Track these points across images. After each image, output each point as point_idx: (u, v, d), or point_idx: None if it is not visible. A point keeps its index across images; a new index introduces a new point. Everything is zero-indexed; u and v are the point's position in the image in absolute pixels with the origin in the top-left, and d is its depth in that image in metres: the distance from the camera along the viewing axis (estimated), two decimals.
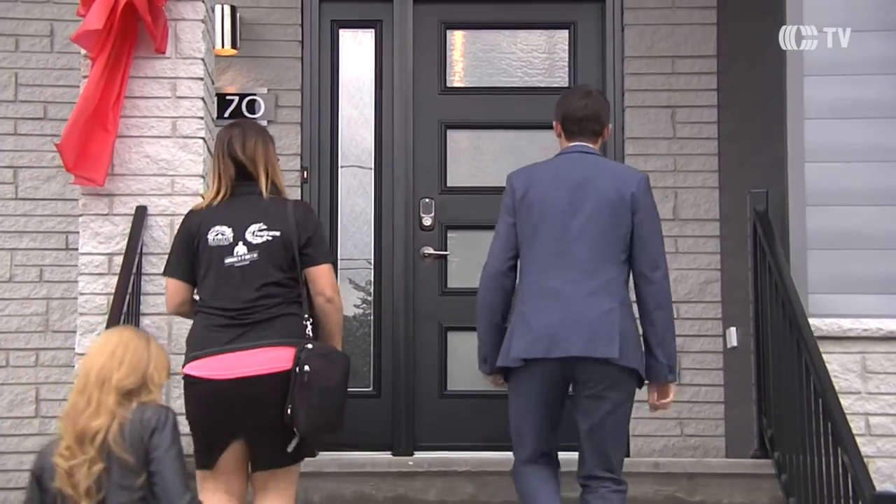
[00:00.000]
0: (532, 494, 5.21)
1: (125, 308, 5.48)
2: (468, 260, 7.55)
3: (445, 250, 7.55)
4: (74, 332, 5.92)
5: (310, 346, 5.03)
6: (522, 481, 5.26)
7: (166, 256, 5.45)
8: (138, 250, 5.74)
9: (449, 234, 7.52)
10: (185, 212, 5.41)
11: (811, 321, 5.60)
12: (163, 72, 5.96)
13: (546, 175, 5.31)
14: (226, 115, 7.30)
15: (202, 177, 5.96)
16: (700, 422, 7.22)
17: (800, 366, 5.44)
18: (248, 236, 5.16)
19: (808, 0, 6.06)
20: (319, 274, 5.21)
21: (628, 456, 7.09)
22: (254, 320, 5.07)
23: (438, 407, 7.57)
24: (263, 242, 5.15)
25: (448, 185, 7.62)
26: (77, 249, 5.95)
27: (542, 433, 5.24)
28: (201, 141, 5.97)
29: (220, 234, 5.17)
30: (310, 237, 5.21)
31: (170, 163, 5.92)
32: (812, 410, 5.28)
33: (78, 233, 5.96)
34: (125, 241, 5.75)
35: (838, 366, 5.79)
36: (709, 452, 7.06)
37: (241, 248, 5.14)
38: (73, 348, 5.90)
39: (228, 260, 5.13)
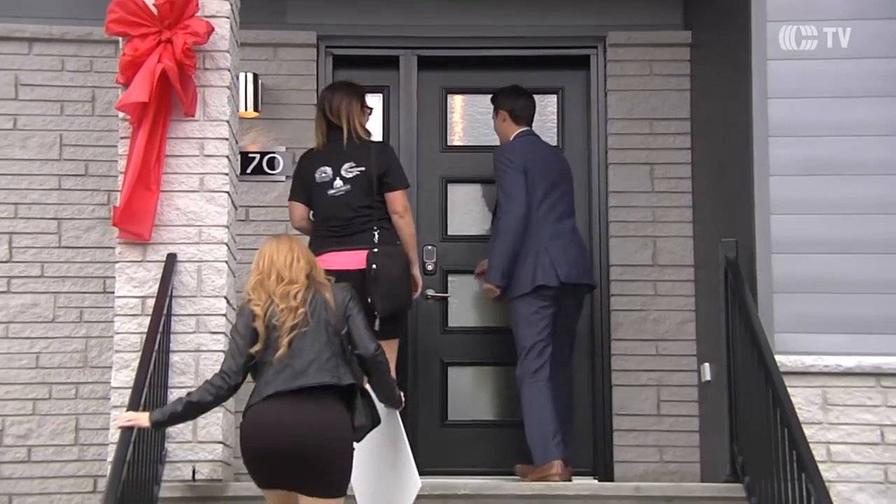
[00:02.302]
0: (539, 404, 6.51)
1: (157, 346, 5.48)
2: (467, 301, 7.58)
3: (446, 292, 7.55)
4: (111, 367, 5.90)
5: (376, 249, 6.29)
6: (532, 391, 6.56)
7: (195, 299, 5.90)
8: (169, 293, 5.75)
9: (449, 278, 7.53)
10: (212, 259, 5.96)
11: (777, 358, 5.61)
12: (192, 133, 5.97)
13: (529, 150, 6.79)
14: (248, 171, 7.33)
15: (227, 227, 5.97)
16: (677, 449, 7.18)
17: (767, 398, 5.43)
18: (343, 172, 6.47)
19: (772, 72, 6.11)
20: (394, 197, 6.46)
21: (611, 478, 7.13)
22: (348, 233, 6.39)
23: (440, 435, 7.55)
24: (354, 176, 6.45)
25: (448, 233, 7.64)
26: (113, 293, 5.96)
27: (549, 340, 6.62)
28: (226, 194, 5.98)
29: (323, 172, 6.49)
30: (387, 170, 6.47)
31: (197, 214, 5.93)
32: (779, 439, 5.27)
33: (114, 278, 5.97)
34: (157, 286, 5.75)
35: (802, 399, 5.79)
36: (685, 477, 7.01)
37: (338, 182, 6.47)
38: (110, 382, 5.88)
39: (330, 192, 6.47)
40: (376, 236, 6.36)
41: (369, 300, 6.12)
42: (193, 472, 5.76)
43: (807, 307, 5.99)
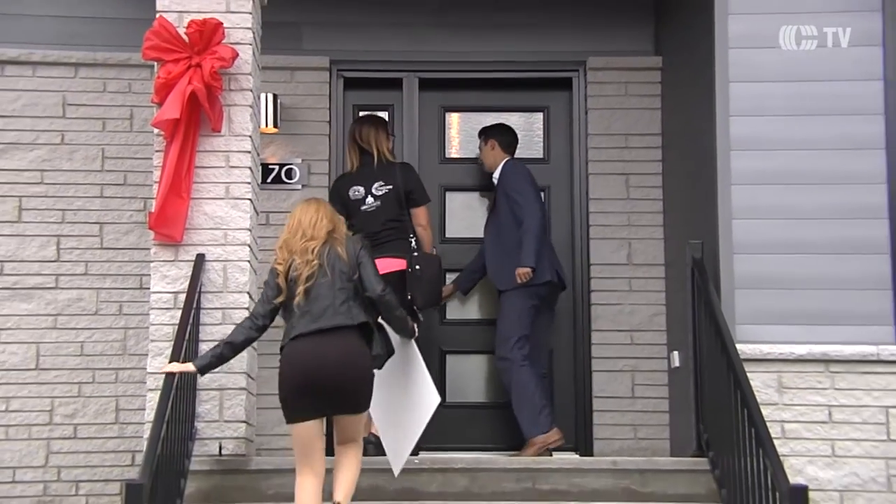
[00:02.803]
0: (531, 386, 6.65)
1: (187, 336, 5.49)
2: (463, 297, 7.57)
3: None
4: (146, 355, 5.93)
5: (416, 254, 6.52)
6: (521, 371, 6.67)
7: (221, 294, 5.89)
8: (198, 289, 5.77)
9: (447, 276, 7.48)
10: (236, 259, 5.93)
11: (738, 346, 5.62)
12: (219, 146, 5.99)
13: (530, 173, 7.04)
14: (268, 180, 7.32)
15: (249, 230, 5.99)
16: (650, 427, 7.18)
17: (729, 382, 5.45)
18: (374, 190, 6.71)
19: (734, 93, 6.13)
20: (418, 212, 6.71)
21: (591, 453, 7.15)
22: (379, 242, 6.47)
23: (438, 416, 7.53)
24: (383, 194, 6.69)
25: (447, 235, 7.62)
26: (149, 289, 5.98)
27: (531, 332, 6.79)
28: (248, 201, 5.99)
29: (356, 191, 6.73)
30: (412, 188, 6.72)
31: (223, 219, 5.95)
32: (739, 418, 5.29)
33: (150, 275, 5.99)
34: (187, 282, 5.77)
35: (760, 382, 5.83)
36: (657, 452, 7.02)
37: (370, 199, 6.71)
38: (146, 368, 5.90)
39: (363, 207, 6.69)
40: (413, 243, 6.64)
41: (409, 296, 6.40)
42: (220, 448, 5.79)
43: (764, 301, 6.01)
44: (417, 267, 6.51)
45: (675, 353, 6.89)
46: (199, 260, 5.84)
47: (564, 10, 7.50)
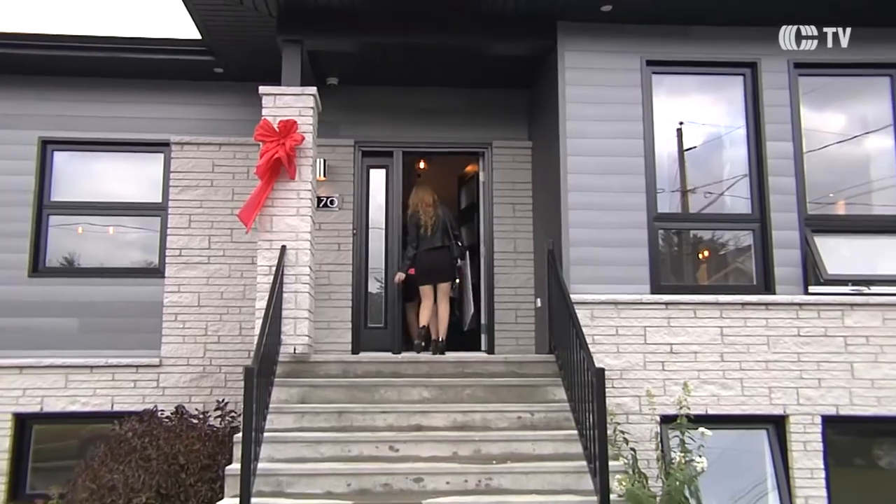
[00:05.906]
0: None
1: (276, 290, 5.47)
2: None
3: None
4: (255, 298, 5.93)
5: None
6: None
7: (294, 267, 5.77)
8: (282, 264, 5.75)
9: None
10: (302, 248, 5.81)
11: (571, 296, 5.70)
12: (293, 187, 5.96)
13: None
14: (320, 205, 7.21)
15: (310, 233, 5.93)
16: (524, 339, 7.19)
17: (566, 315, 5.51)
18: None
19: (570, 161, 6.11)
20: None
21: (493, 353, 7.13)
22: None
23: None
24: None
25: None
26: (257, 264, 5.95)
27: None
28: (309, 217, 5.94)
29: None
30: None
31: (295, 227, 5.92)
32: (571, 333, 5.35)
33: (257, 256, 5.97)
34: (276, 260, 5.75)
35: (582, 315, 5.86)
36: (528, 352, 7.05)
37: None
38: (255, 306, 5.88)
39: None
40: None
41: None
42: (294, 350, 5.77)
43: (585, 272, 6.02)
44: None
45: (538, 299, 6.92)
46: (283, 249, 5.83)
47: (481, 115, 7.48)
